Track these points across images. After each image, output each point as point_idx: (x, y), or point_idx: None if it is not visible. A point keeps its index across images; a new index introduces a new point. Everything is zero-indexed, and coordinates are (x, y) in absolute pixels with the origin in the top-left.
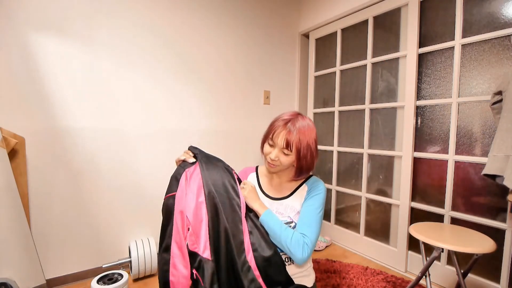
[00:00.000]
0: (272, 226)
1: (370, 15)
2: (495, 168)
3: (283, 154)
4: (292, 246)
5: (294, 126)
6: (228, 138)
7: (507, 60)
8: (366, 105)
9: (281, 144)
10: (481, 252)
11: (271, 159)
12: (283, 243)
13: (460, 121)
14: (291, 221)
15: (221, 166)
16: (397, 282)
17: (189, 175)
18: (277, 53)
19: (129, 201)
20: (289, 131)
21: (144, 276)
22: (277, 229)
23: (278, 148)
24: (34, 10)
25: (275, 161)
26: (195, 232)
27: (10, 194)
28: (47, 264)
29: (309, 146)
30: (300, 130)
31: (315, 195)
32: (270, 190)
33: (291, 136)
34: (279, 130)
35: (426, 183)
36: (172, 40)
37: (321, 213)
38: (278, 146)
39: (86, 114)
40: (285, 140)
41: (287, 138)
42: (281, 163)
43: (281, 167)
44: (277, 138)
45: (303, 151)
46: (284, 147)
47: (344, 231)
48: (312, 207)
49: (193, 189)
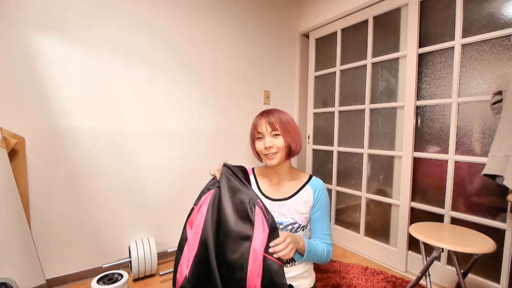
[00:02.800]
0: (314, 258)
1: (370, 15)
2: (495, 168)
3: (274, 137)
4: (326, 260)
5: (270, 112)
6: (228, 138)
7: (507, 60)
8: (366, 105)
9: (267, 129)
10: (481, 252)
11: (266, 148)
12: (321, 261)
13: (460, 121)
14: (295, 222)
15: (242, 202)
16: (397, 282)
17: (204, 201)
18: (277, 53)
19: (129, 201)
20: (268, 115)
21: (144, 276)
22: (318, 258)
23: (267, 135)
24: (34, 10)
25: (271, 148)
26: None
27: (10, 194)
28: (47, 264)
29: (291, 124)
30: (277, 113)
31: (323, 203)
32: (270, 191)
33: (271, 118)
34: (260, 121)
35: (426, 183)
36: (172, 40)
37: (330, 213)
38: (266, 132)
39: (86, 114)
40: (268, 123)
41: (268, 120)
42: (277, 146)
43: (280, 152)
44: (261, 127)
45: (287, 127)
46: (270, 130)
47: (344, 231)
48: (324, 215)
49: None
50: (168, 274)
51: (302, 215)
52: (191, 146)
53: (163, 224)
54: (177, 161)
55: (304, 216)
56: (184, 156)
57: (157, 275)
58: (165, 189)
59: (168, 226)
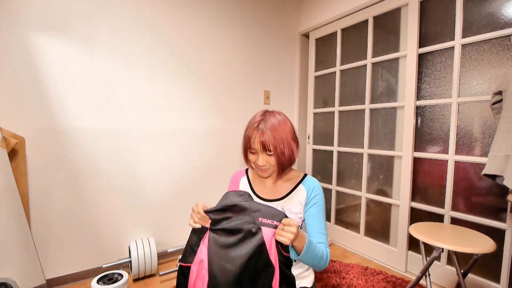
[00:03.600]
0: (312, 261)
1: (370, 15)
2: (495, 168)
3: (267, 156)
4: (323, 264)
5: (265, 125)
6: (228, 138)
7: (507, 60)
8: (366, 105)
9: (259, 148)
10: (481, 252)
11: (259, 166)
12: (319, 266)
13: (460, 121)
14: None
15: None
16: (397, 282)
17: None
18: (277, 53)
19: (129, 201)
20: (262, 132)
21: (144, 276)
22: (317, 259)
23: (259, 153)
24: (34, 10)
25: (264, 166)
26: None
27: (10, 194)
28: (47, 264)
29: (286, 140)
30: (272, 127)
31: (317, 199)
32: (264, 192)
33: (264, 137)
34: (253, 135)
35: (426, 183)
36: (172, 41)
37: (325, 212)
38: (259, 150)
39: (86, 114)
40: (260, 142)
41: (261, 140)
42: (270, 165)
43: (272, 168)
44: (254, 144)
45: (280, 147)
46: (262, 150)
47: (344, 231)
48: (319, 213)
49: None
50: (168, 274)
51: (296, 215)
52: (191, 146)
53: (163, 224)
54: (177, 161)
55: (298, 216)
56: (184, 156)
57: (157, 275)
58: (165, 189)
59: (168, 226)
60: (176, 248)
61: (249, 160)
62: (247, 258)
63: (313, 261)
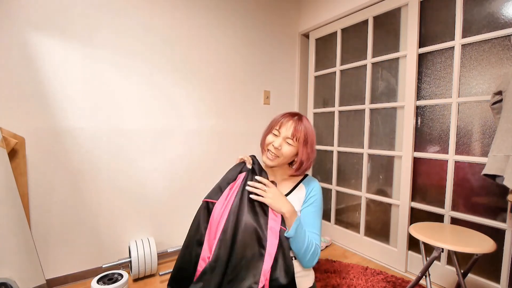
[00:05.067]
0: (302, 240)
1: (370, 15)
2: (495, 168)
3: (286, 144)
4: (311, 258)
5: (301, 120)
6: (228, 138)
7: (507, 60)
8: (366, 105)
9: (288, 133)
10: (481, 252)
11: (274, 147)
12: (303, 255)
13: (460, 121)
14: None
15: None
16: (397, 282)
17: (235, 186)
18: (277, 53)
19: (129, 201)
20: (298, 122)
21: (144, 276)
22: (305, 245)
23: (282, 138)
24: (34, 10)
25: (278, 150)
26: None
27: (10, 194)
28: (47, 264)
29: (312, 143)
30: (306, 126)
31: (315, 199)
32: None
33: (299, 126)
34: (287, 120)
35: (426, 183)
36: (172, 41)
37: (322, 214)
38: (284, 135)
39: (86, 114)
40: (294, 128)
41: (296, 127)
42: (282, 153)
43: (282, 158)
44: (285, 127)
45: (309, 143)
46: (290, 136)
47: (344, 231)
48: (315, 213)
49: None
50: (168, 274)
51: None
52: (191, 146)
53: (163, 224)
54: (178, 161)
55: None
56: (184, 156)
57: (157, 275)
58: (165, 189)
59: (168, 226)
60: (176, 248)
61: (266, 143)
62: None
63: (301, 245)
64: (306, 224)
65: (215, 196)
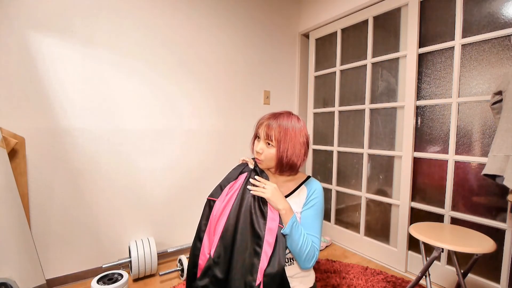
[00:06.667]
0: (297, 239)
1: (370, 15)
2: (495, 168)
3: (266, 145)
4: (307, 258)
5: (276, 119)
6: (228, 138)
7: (507, 60)
8: (366, 105)
9: (263, 135)
10: (481, 252)
11: (256, 152)
12: (298, 254)
13: (460, 121)
14: None
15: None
16: (397, 282)
17: (235, 185)
18: (277, 53)
19: (129, 201)
20: (272, 120)
21: (144, 276)
22: (300, 243)
23: (262, 140)
24: (34, 10)
25: (259, 154)
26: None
27: (10, 194)
28: (47, 264)
29: (291, 141)
30: (281, 124)
31: (316, 202)
32: None
33: (272, 124)
34: (262, 122)
35: (426, 183)
36: (172, 41)
37: (322, 217)
38: (262, 137)
39: (86, 114)
40: (267, 127)
41: (269, 125)
42: (265, 156)
43: (266, 161)
44: (261, 129)
45: (284, 145)
46: (265, 137)
47: (344, 231)
48: (315, 216)
49: (227, 203)
50: (168, 274)
51: (296, 214)
52: (191, 146)
53: (163, 224)
54: (177, 161)
55: (299, 215)
56: (184, 156)
57: (157, 275)
58: (165, 189)
59: (168, 226)
60: (176, 248)
61: (253, 148)
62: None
63: (296, 243)
64: (305, 226)
65: (216, 194)
